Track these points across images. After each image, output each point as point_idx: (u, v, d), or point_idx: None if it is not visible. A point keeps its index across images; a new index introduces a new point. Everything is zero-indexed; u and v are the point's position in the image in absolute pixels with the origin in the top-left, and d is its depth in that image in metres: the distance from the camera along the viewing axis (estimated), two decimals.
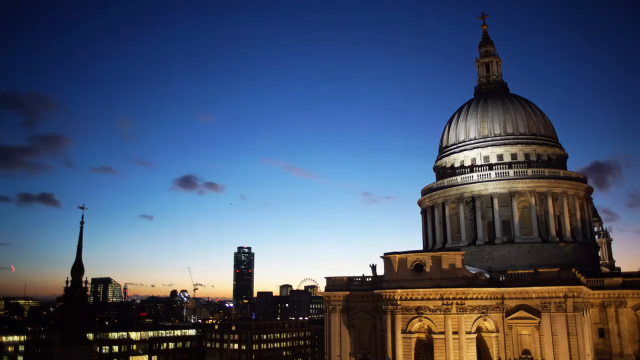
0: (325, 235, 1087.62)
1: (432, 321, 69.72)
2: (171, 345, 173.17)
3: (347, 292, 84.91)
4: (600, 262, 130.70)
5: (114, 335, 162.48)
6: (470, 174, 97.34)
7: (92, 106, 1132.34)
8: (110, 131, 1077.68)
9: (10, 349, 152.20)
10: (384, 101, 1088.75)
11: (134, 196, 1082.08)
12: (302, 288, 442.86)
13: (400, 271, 73.54)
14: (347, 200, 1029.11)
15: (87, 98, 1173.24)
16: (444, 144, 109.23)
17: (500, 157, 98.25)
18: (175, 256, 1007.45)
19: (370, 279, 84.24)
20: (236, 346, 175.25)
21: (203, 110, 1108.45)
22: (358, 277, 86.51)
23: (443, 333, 68.45)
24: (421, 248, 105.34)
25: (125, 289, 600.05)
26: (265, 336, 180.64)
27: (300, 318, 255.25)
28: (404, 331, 71.03)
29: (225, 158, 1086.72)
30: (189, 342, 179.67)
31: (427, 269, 71.76)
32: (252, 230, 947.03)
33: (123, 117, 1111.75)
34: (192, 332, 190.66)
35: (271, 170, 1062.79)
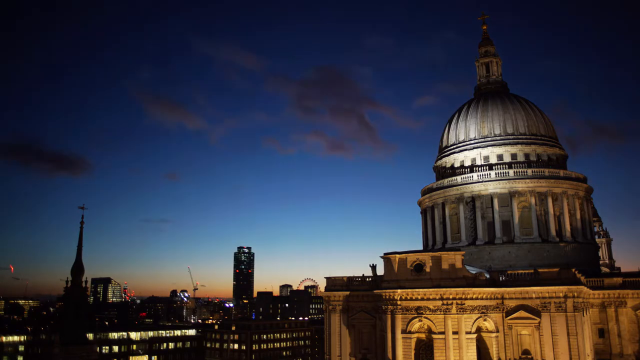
0: (325, 235, 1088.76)
1: (432, 321, 69.76)
2: (171, 345, 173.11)
3: (347, 292, 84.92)
4: (600, 262, 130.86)
5: (114, 335, 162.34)
6: (470, 174, 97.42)
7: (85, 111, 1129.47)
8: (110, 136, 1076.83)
9: (10, 349, 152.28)
10: (383, 101, 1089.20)
11: (134, 196, 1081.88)
12: (302, 288, 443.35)
13: (400, 271, 73.57)
14: (347, 200, 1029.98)
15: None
16: (444, 144, 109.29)
17: (500, 157, 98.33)
18: (175, 256, 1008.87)
19: (370, 279, 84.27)
20: (236, 346, 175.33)
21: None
22: (358, 277, 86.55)
23: (443, 333, 68.49)
24: (421, 248, 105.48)
25: (125, 289, 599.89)
26: (265, 336, 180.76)
27: (300, 318, 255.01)
28: (404, 331, 71.06)
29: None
30: (189, 342, 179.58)
31: (427, 269, 71.81)
32: (252, 230, 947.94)
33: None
34: (192, 332, 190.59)
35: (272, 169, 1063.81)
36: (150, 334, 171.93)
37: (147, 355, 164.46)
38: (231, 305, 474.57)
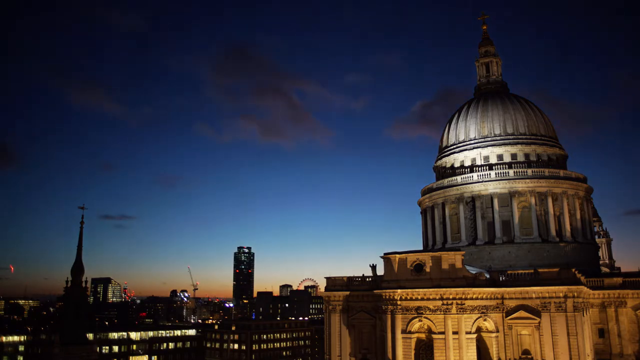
0: (325, 235, 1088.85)
1: (432, 321, 69.77)
2: (171, 345, 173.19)
3: (347, 292, 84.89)
4: (600, 262, 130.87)
5: (114, 335, 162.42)
6: (470, 174, 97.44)
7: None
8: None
9: (10, 349, 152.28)
10: (383, 101, 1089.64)
11: (133, 196, 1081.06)
12: (302, 288, 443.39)
13: (400, 271, 73.57)
14: (347, 200, 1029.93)
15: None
16: (444, 144, 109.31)
17: (500, 157, 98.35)
18: (175, 256, 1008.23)
19: (370, 279, 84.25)
20: (236, 346, 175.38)
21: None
22: (358, 277, 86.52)
23: (443, 333, 68.49)
24: (421, 248, 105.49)
25: (125, 289, 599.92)
26: (265, 336, 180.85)
27: (300, 318, 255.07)
28: (404, 331, 71.06)
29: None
30: (189, 342, 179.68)
31: (427, 269, 71.81)
32: (252, 230, 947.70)
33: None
34: (192, 332, 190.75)
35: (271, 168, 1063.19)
36: (150, 334, 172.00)
37: (147, 355, 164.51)
38: (231, 305, 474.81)
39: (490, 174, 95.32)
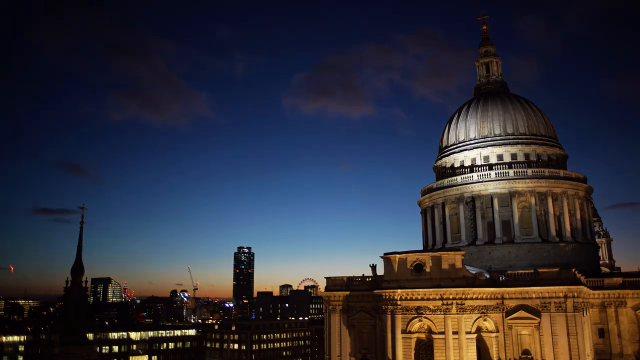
0: (325, 235, 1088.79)
1: (432, 321, 69.77)
2: (171, 345, 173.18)
3: (347, 292, 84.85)
4: (600, 262, 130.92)
5: (114, 335, 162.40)
6: (470, 174, 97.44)
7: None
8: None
9: (10, 349, 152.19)
10: (383, 100, 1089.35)
11: (132, 196, 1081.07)
12: (302, 288, 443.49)
13: (400, 271, 73.57)
14: (347, 200, 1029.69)
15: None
16: (444, 144, 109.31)
17: (500, 157, 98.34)
18: (175, 256, 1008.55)
19: (370, 279, 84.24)
20: (236, 346, 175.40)
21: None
22: (358, 277, 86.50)
23: (443, 333, 68.48)
24: (421, 248, 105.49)
25: (125, 289, 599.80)
26: (265, 336, 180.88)
27: (300, 318, 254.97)
28: (404, 331, 71.06)
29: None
30: (189, 342, 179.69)
31: (427, 269, 71.80)
32: (252, 230, 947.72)
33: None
34: (192, 332, 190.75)
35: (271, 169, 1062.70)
36: (150, 334, 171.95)
37: (147, 355, 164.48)
38: (231, 305, 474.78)
39: (490, 174, 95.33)
